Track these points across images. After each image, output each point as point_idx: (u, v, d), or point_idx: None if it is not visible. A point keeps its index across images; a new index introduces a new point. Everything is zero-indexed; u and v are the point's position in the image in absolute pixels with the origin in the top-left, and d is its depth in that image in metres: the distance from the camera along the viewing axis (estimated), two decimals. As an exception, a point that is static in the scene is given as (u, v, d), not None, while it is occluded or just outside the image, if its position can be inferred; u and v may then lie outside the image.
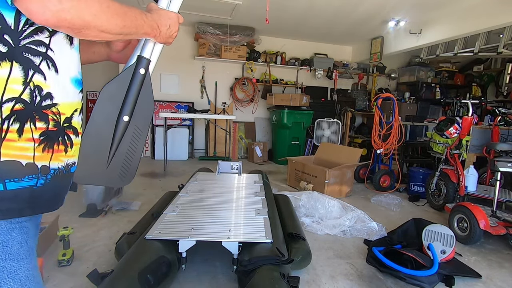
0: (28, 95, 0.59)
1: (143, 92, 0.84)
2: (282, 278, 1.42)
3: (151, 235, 1.71)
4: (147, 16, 0.73)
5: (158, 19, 0.78)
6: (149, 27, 0.74)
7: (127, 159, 0.86)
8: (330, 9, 4.47)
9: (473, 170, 3.01)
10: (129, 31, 0.68)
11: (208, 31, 5.34)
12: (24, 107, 0.58)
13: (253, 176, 3.10)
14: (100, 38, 0.64)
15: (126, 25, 0.66)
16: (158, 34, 0.78)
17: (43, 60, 0.61)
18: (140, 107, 0.84)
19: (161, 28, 0.78)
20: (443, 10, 4.32)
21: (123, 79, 0.83)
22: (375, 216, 2.87)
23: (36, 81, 0.60)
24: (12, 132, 0.58)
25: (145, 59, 0.84)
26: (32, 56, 0.59)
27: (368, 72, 6.64)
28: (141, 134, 0.86)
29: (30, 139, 0.60)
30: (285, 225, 2.16)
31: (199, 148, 6.10)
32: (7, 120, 0.57)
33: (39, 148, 0.61)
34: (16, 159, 0.58)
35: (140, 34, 0.74)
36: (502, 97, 6.36)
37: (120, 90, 0.82)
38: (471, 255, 2.29)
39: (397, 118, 3.94)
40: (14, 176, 0.59)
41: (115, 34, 0.65)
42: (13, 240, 0.62)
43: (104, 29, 0.61)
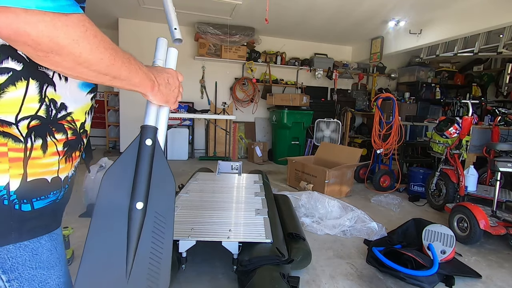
0: (44, 111, 0.55)
1: (156, 167, 0.69)
2: (282, 278, 1.42)
3: (151, 235, 1.70)
4: (142, 65, 0.63)
5: (155, 72, 0.67)
6: (144, 76, 0.63)
7: (154, 261, 0.66)
8: (330, 9, 4.47)
9: (473, 170, 3.01)
10: (118, 74, 0.55)
11: (208, 31, 5.34)
12: (40, 122, 0.55)
13: (253, 176, 3.10)
14: (76, 73, 0.51)
15: (116, 65, 0.54)
16: (155, 88, 0.66)
17: (55, 71, 0.56)
18: (156, 187, 0.69)
19: (158, 81, 0.67)
20: (443, 10, 4.32)
21: (128, 158, 0.68)
22: (375, 216, 2.87)
23: (49, 94, 0.56)
24: (37, 149, 0.55)
25: (150, 127, 0.70)
26: (46, 69, 0.54)
27: (368, 72, 6.64)
28: (165, 222, 0.69)
29: (55, 153, 0.58)
30: (285, 225, 2.16)
31: (199, 148, 6.10)
32: (29, 138, 0.53)
33: (62, 160, 0.60)
34: (42, 176, 0.56)
35: (133, 83, 0.60)
36: (502, 97, 6.36)
37: (127, 172, 0.67)
38: (471, 255, 2.29)
39: (397, 118, 3.94)
40: (41, 194, 0.57)
41: (99, 73, 0.52)
42: (42, 247, 0.60)
43: (83, 62, 0.48)
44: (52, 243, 0.63)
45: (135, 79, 0.60)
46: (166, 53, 0.78)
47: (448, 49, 4.90)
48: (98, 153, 5.64)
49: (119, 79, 0.57)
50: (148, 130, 0.70)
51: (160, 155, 0.71)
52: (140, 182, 0.67)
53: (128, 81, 0.59)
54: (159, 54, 0.76)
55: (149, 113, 0.72)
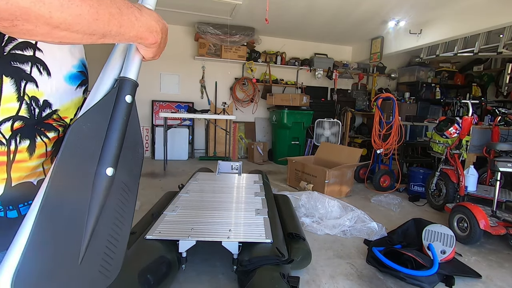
0: (25, 110, 0.50)
1: (130, 131, 0.57)
2: (282, 278, 1.42)
3: (151, 235, 1.71)
4: (142, 13, 0.51)
5: (160, 20, 0.56)
6: (143, 29, 0.51)
7: (111, 242, 0.56)
8: (330, 9, 4.47)
9: (473, 170, 3.01)
10: (108, 30, 0.44)
11: (208, 31, 5.34)
12: (24, 124, 0.51)
13: (253, 176, 3.10)
14: (57, 39, 0.42)
15: (101, 19, 0.43)
16: (157, 41, 0.55)
17: (33, 65, 0.50)
18: (126, 155, 0.56)
19: (163, 34, 0.56)
20: (443, 10, 4.32)
21: (100, 114, 0.53)
22: (375, 216, 2.87)
23: (30, 91, 0.50)
24: (22, 152, 0.51)
25: (132, 82, 0.56)
26: (20, 63, 0.49)
27: (368, 72, 6.64)
28: (129, 196, 0.59)
29: (43, 154, 0.54)
30: (285, 225, 2.16)
31: (199, 148, 6.10)
32: (13, 140, 0.50)
33: (47, 161, 0.57)
34: (27, 180, 0.53)
35: (128, 38, 0.49)
36: (502, 97, 6.36)
37: (98, 130, 0.53)
38: (471, 255, 2.29)
39: (397, 118, 3.94)
40: (28, 199, 0.53)
41: (84, 34, 0.43)
42: None
43: (59, 23, 0.39)
44: None
45: (130, 33, 0.49)
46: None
47: (448, 49, 4.90)
48: (98, 153, 5.63)
49: (110, 37, 0.46)
50: (129, 84, 0.56)
51: (135, 118, 0.59)
52: (113, 145, 0.54)
53: (123, 37, 0.48)
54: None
55: (132, 63, 0.58)
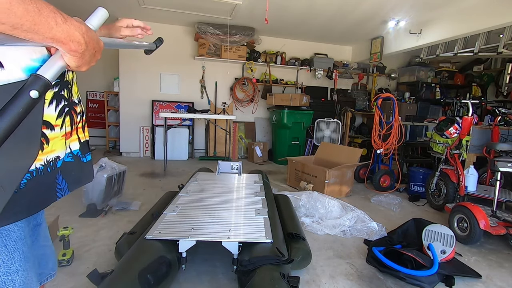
0: None
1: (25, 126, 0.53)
2: (282, 278, 1.42)
3: (151, 235, 1.71)
4: (66, 20, 0.52)
5: (88, 32, 0.57)
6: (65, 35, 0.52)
7: None
8: (330, 9, 4.47)
9: (473, 170, 3.01)
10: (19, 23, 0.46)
11: (208, 31, 5.34)
12: None
13: (253, 176, 3.10)
14: None
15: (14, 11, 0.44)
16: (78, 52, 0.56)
17: None
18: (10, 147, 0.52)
19: (88, 46, 0.58)
20: (443, 10, 4.31)
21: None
22: (375, 216, 2.87)
23: None
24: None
25: (43, 80, 0.54)
26: None
27: (368, 72, 6.64)
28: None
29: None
30: (285, 225, 2.16)
31: (199, 148, 6.10)
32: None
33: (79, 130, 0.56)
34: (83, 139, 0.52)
35: (46, 38, 0.51)
36: (502, 97, 6.36)
37: None
38: (471, 255, 2.29)
39: (397, 118, 3.94)
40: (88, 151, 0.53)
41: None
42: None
43: None
44: (1, 240, 0.60)
45: (46, 33, 0.50)
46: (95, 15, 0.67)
47: (448, 49, 4.90)
48: (98, 153, 5.64)
49: (22, 31, 0.47)
50: (41, 82, 0.53)
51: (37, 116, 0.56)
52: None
53: (35, 34, 0.49)
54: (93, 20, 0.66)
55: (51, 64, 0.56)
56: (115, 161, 2.99)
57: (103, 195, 2.72)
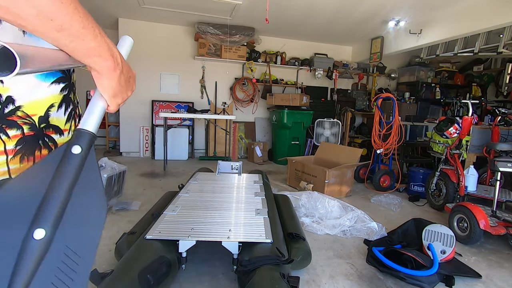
0: None
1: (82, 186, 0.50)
2: (282, 278, 1.42)
3: (151, 235, 1.71)
4: (105, 35, 0.49)
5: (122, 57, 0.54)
6: (105, 46, 0.48)
7: None
8: (330, 9, 4.47)
9: (473, 170, 3.01)
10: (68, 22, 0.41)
11: (208, 31, 5.34)
12: None
13: (253, 176, 3.10)
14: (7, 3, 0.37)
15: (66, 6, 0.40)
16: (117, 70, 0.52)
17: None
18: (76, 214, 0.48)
19: (124, 67, 0.54)
20: (443, 10, 4.32)
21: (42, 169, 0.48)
22: (375, 216, 2.87)
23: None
24: None
25: (85, 132, 0.51)
26: None
27: (368, 72, 6.64)
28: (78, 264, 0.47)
29: (1, 152, 0.51)
30: (285, 225, 2.16)
31: (199, 148, 6.10)
32: None
33: (15, 160, 0.53)
34: None
35: (88, 47, 0.46)
36: (502, 97, 6.36)
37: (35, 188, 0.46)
38: (471, 255, 2.29)
39: (397, 118, 3.94)
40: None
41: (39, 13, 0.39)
42: None
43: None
44: None
45: (91, 42, 0.45)
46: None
47: (448, 49, 4.90)
48: (98, 153, 5.64)
49: (70, 35, 0.42)
50: (82, 135, 0.51)
51: (93, 171, 0.52)
52: (49, 202, 0.45)
53: (81, 41, 0.44)
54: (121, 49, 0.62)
55: (92, 111, 0.53)
56: (115, 161, 2.99)
57: (103, 195, 2.71)
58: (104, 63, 0.49)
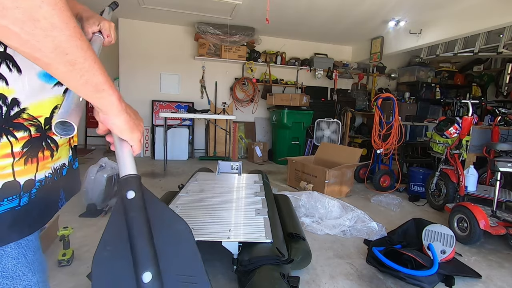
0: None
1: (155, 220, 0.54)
2: (282, 278, 1.42)
3: (151, 235, 1.71)
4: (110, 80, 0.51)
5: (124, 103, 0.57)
6: (108, 84, 0.50)
7: None
8: (330, 9, 4.47)
9: (473, 170, 3.01)
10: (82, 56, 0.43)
11: (208, 31, 5.34)
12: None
13: (253, 176, 3.10)
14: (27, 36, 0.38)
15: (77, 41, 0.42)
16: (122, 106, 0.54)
17: (2, 62, 0.48)
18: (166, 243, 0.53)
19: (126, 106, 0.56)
20: (443, 10, 4.31)
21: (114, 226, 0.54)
22: (375, 216, 2.87)
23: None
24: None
25: (129, 177, 0.56)
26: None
27: (368, 72, 6.64)
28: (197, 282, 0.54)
29: (8, 155, 0.51)
30: (285, 225, 2.16)
31: (199, 148, 6.10)
32: None
33: (19, 162, 0.53)
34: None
35: (93, 82, 0.47)
36: (502, 97, 6.36)
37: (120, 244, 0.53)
38: (471, 255, 2.29)
39: (397, 118, 3.94)
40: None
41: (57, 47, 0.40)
42: (7, 255, 0.56)
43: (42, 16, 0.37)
44: (20, 251, 0.58)
45: (100, 77, 0.48)
46: None
47: (448, 49, 4.90)
48: (98, 153, 5.64)
49: (82, 67, 0.44)
50: (127, 181, 0.55)
51: (154, 203, 0.56)
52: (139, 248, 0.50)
53: (92, 75, 0.46)
54: None
55: (123, 158, 0.57)
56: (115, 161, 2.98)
57: (103, 195, 2.71)
58: (110, 97, 0.51)
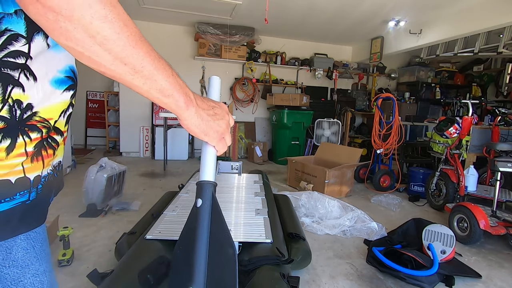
0: (7, 111, 0.52)
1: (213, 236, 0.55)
2: (282, 278, 1.42)
3: (151, 235, 1.71)
4: (178, 76, 0.54)
5: (195, 94, 0.58)
6: (176, 85, 0.53)
7: None
8: (330, 9, 4.47)
9: (473, 170, 3.01)
10: (141, 65, 0.46)
11: (208, 31, 5.34)
12: (6, 125, 0.52)
13: (253, 176, 3.10)
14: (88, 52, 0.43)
15: (137, 50, 0.45)
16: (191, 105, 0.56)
17: (21, 72, 0.53)
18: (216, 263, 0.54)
19: (197, 101, 0.58)
20: (443, 10, 4.32)
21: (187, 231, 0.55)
22: (375, 216, 2.87)
23: (15, 95, 0.53)
24: (1, 151, 0.52)
25: (202, 184, 0.57)
26: (11, 70, 0.52)
27: (368, 72, 6.64)
28: None
29: (22, 154, 0.55)
30: (285, 225, 2.16)
31: (199, 148, 6.10)
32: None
33: (27, 160, 0.57)
34: (4, 177, 0.53)
35: (160, 88, 0.50)
36: (502, 97, 6.36)
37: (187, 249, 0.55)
38: (471, 255, 2.29)
39: (397, 118, 3.94)
40: (4, 196, 0.54)
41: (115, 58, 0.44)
42: (17, 246, 0.60)
43: (96, 33, 0.41)
44: (29, 242, 0.62)
45: (163, 82, 0.50)
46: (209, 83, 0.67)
47: (448, 49, 4.90)
48: (98, 153, 5.64)
49: (142, 76, 0.47)
50: (200, 187, 0.55)
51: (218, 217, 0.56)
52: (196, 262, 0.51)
53: (153, 82, 0.49)
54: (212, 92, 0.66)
55: (203, 161, 0.57)
56: (115, 161, 2.99)
57: (103, 195, 2.71)
58: (177, 102, 0.54)
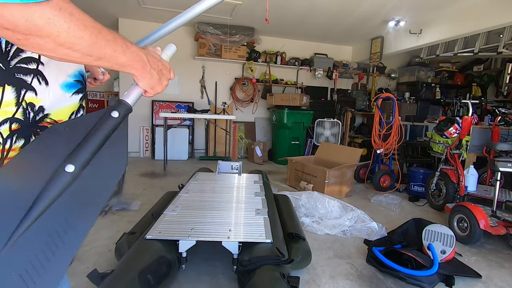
0: (21, 113, 0.58)
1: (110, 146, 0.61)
2: (282, 278, 1.42)
3: (151, 235, 1.71)
4: (132, 45, 0.61)
5: (149, 56, 0.66)
6: (133, 55, 0.60)
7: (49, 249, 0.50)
8: (330, 9, 4.47)
9: (473, 170, 3.01)
10: (103, 53, 0.54)
11: (208, 31, 5.34)
12: (20, 126, 0.58)
13: (253, 176, 3.10)
14: (59, 55, 0.50)
15: (98, 43, 0.52)
16: (146, 69, 0.64)
17: (34, 77, 0.58)
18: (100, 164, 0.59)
19: (151, 64, 0.65)
20: (443, 10, 4.32)
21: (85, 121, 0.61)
22: (375, 216, 2.87)
23: (28, 98, 0.58)
24: (15, 150, 0.57)
25: (125, 104, 0.65)
26: (24, 75, 0.57)
27: (368, 72, 6.64)
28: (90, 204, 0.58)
29: None
30: (285, 225, 2.16)
31: (199, 148, 6.10)
32: (9, 139, 0.57)
33: None
34: None
35: (120, 63, 0.58)
36: (502, 97, 6.36)
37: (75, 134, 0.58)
38: (471, 255, 2.29)
39: (397, 118, 3.94)
40: None
41: (82, 54, 0.51)
42: None
43: (64, 42, 0.48)
44: None
45: (122, 59, 0.58)
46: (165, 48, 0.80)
47: (448, 49, 4.90)
48: (98, 153, 5.64)
49: (105, 59, 0.55)
50: (121, 105, 0.64)
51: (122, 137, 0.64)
52: (82, 147, 0.57)
53: (115, 61, 0.57)
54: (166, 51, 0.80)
55: (133, 93, 0.67)
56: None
57: (103, 195, 2.71)
58: (136, 69, 0.63)
